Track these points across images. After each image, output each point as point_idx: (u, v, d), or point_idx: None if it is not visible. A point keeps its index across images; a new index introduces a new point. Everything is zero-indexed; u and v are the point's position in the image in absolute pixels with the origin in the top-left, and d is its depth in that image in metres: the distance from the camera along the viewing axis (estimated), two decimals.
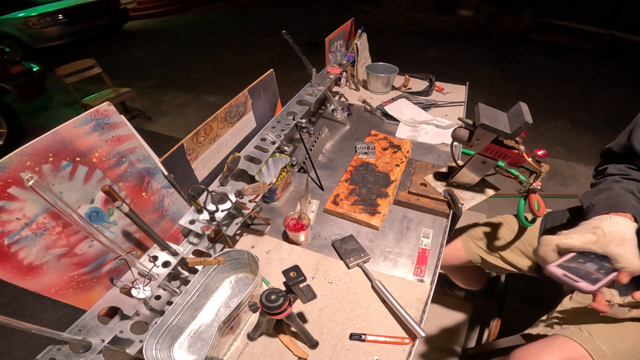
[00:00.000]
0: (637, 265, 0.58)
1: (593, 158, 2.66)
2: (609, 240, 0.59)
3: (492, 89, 3.77)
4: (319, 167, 1.21)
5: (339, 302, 0.80)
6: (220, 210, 0.77)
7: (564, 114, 3.25)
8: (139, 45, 5.89)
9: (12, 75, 2.96)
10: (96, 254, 0.64)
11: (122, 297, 0.67)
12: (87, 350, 0.59)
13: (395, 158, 1.17)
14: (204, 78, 4.40)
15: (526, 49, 4.93)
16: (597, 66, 4.29)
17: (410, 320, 0.72)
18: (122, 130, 0.64)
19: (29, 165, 0.52)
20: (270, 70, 1.06)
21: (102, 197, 0.64)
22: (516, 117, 0.78)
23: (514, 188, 0.98)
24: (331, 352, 0.71)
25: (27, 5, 5.18)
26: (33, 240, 0.54)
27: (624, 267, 0.58)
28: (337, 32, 1.53)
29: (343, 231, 0.97)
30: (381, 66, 1.70)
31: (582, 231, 0.62)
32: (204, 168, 0.85)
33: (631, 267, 0.58)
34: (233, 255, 0.80)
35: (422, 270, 0.86)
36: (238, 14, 7.66)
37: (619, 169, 0.79)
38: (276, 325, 0.74)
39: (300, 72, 4.03)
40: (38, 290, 0.57)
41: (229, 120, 0.91)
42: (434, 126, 1.41)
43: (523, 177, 0.95)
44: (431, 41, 5.29)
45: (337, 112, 1.47)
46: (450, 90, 1.71)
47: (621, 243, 0.59)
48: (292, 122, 1.09)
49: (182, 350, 0.72)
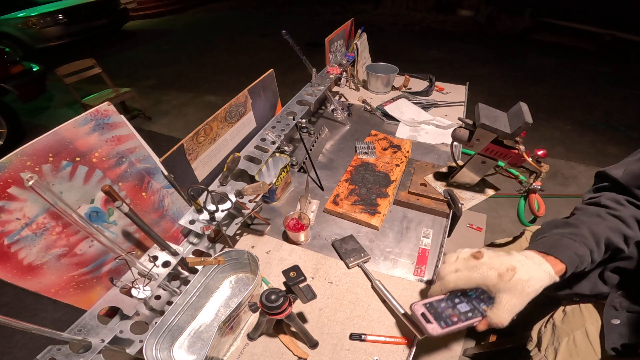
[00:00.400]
0: (504, 323, 0.53)
1: (593, 158, 2.66)
2: (510, 287, 0.52)
3: (492, 89, 3.77)
4: (319, 167, 1.21)
5: (339, 302, 0.80)
6: (220, 210, 0.77)
7: (564, 114, 3.25)
8: (139, 45, 5.89)
9: (12, 75, 2.96)
10: (96, 254, 0.64)
11: (122, 297, 0.67)
12: (87, 350, 0.59)
13: (395, 158, 1.17)
14: (204, 78, 4.40)
15: (526, 49, 4.93)
16: (597, 66, 4.29)
17: None
18: (122, 130, 0.64)
19: (29, 165, 0.52)
20: (270, 70, 1.06)
21: (102, 197, 0.64)
22: (516, 117, 0.78)
23: (514, 188, 0.98)
24: (331, 352, 0.71)
25: (27, 5, 5.18)
26: (33, 240, 0.54)
27: (491, 318, 0.53)
28: (337, 32, 1.53)
29: (343, 231, 0.97)
30: (381, 66, 1.70)
31: (491, 267, 0.54)
32: (204, 168, 0.85)
33: (497, 322, 0.53)
34: (233, 255, 0.80)
35: (422, 270, 0.86)
36: (238, 14, 7.66)
37: (616, 200, 0.64)
38: (276, 325, 0.74)
39: (300, 72, 4.02)
40: (38, 290, 0.57)
41: (229, 120, 0.91)
42: (434, 126, 1.41)
43: (523, 177, 0.95)
44: (431, 41, 5.29)
45: (337, 112, 1.47)
46: (450, 90, 1.71)
47: (517, 295, 0.52)
48: (292, 122, 1.09)
49: (182, 350, 0.72)
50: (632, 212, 0.61)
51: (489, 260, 0.55)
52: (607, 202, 0.63)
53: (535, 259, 0.54)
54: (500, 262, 0.54)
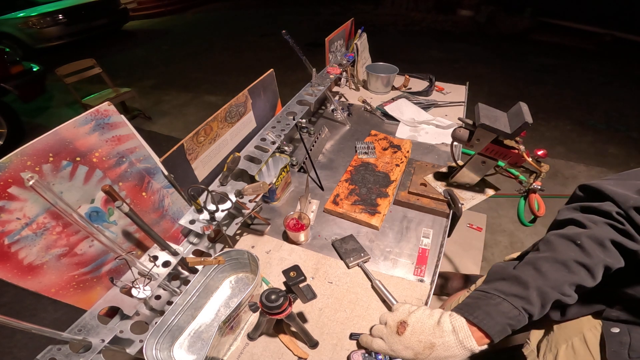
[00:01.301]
0: None
1: (593, 158, 2.66)
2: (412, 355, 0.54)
3: (492, 89, 3.77)
4: (319, 167, 1.21)
5: (339, 302, 0.80)
6: (220, 210, 0.77)
7: (564, 114, 3.25)
8: (139, 45, 5.90)
9: (12, 75, 2.96)
10: (96, 253, 0.64)
11: (122, 297, 0.67)
12: (87, 350, 0.60)
13: (395, 158, 1.17)
14: (204, 78, 4.40)
15: (526, 49, 4.93)
16: (597, 66, 4.29)
17: None
18: (122, 130, 0.64)
19: (29, 165, 0.52)
20: (270, 70, 1.06)
21: (102, 197, 0.64)
22: (516, 117, 0.78)
23: (514, 188, 0.98)
24: (331, 352, 0.71)
25: (27, 5, 5.19)
26: (33, 240, 0.54)
27: None
28: (337, 32, 1.53)
29: (343, 231, 0.97)
30: (381, 66, 1.70)
31: (408, 346, 0.55)
32: (204, 168, 0.85)
33: None
34: (233, 255, 0.80)
35: (422, 270, 0.86)
36: (238, 14, 7.66)
37: (599, 241, 0.52)
38: (276, 325, 0.74)
39: (300, 72, 4.03)
40: (38, 290, 0.57)
41: (229, 120, 0.91)
42: (434, 126, 1.41)
43: (523, 177, 0.95)
44: (431, 41, 5.29)
45: (337, 112, 1.47)
46: (450, 90, 1.71)
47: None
48: (292, 122, 1.09)
49: (182, 350, 0.72)
50: (604, 256, 0.51)
51: (409, 337, 0.56)
52: (587, 243, 0.52)
53: (461, 333, 0.53)
54: (418, 341, 0.55)
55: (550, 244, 0.56)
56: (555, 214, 0.64)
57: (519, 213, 0.98)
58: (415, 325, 0.56)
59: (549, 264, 0.53)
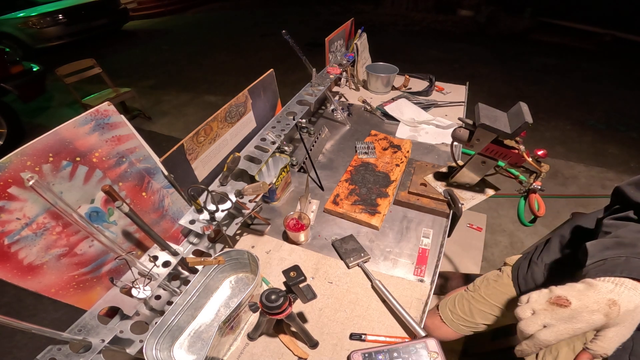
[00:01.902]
0: (609, 353, 0.47)
1: (593, 158, 2.66)
2: (619, 321, 0.46)
3: (492, 89, 3.77)
4: (319, 167, 1.21)
5: (339, 302, 0.80)
6: (220, 210, 0.77)
7: (564, 114, 3.25)
8: (139, 45, 5.89)
9: (12, 75, 2.96)
10: (96, 253, 0.64)
11: (122, 297, 0.67)
12: (87, 350, 0.60)
13: (395, 158, 1.17)
14: (204, 78, 4.40)
15: (526, 49, 4.93)
16: (597, 66, 4.30)
17: (410, 320, 0.72)
18: (122, 130, 0.64)
19: (29, 165, 0.52)
20: (270, 70, 1.06)
21: (102, 197, 0.64)
22: (516, 117, 0.78)
23: (514, 188, 0.98)
24: (331, 352, 0.71)
25: (27, 5, 5.18)
26: (33, 240, 0.54)
27: (596, 351, 0.48)
28: (337, 32, 1.53)
29: (343, 231, 0.97)
30: (381, 66, 1.70)
31: (592, 310, 0.46)
32: (204, 168, 0.85)
33: (603, 353, 0.47)
34: (233, 255, 0.80)
35: (422, 270, 0.86)
36: (238, 14, 7.66)
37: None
38: (276, 325, 0.74)
39: (300, 72, 4.03)
40: (38, 290, 0.57)
41: (229, 120, 0.91)
42: (434, 126, 1.41)
43: (523, 177, 0.95)
44: (431, 41, 5.29)
45: (337, 112, 1.47)
46: (450, 90, 1.71)
47: (627, 326, 0.46)
48: (292, 122, 1.09)
49: (182, 350, 0.72)
50: None
51: (582, 302, 0.48)
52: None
53: (626, 283, 0.48)
54: (595, 301, 0.47)
55: (611, 225, 0.58)
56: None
57: (519, 213, 0.98)
58: (573, 293, 0.49)
59: (632, 233, 0.54)
